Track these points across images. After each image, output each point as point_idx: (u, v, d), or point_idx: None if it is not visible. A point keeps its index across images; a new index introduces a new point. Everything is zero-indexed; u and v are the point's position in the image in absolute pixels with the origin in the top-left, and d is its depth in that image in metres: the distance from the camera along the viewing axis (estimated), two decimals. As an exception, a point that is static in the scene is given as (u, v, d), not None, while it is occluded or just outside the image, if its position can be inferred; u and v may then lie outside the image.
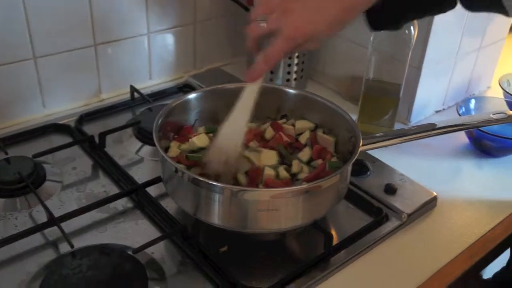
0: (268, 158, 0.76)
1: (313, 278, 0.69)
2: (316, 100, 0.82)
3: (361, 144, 0.72)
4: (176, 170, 0.69)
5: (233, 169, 0.73)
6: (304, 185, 0.69)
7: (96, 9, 0.99)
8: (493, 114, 0.81)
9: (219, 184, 0.67)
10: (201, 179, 0.67)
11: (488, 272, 0.96)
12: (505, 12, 0.67)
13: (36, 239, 0.73)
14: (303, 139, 0.82)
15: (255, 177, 0.73)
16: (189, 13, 1.14)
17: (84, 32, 1.01)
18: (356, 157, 0.70)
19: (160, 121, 0.75)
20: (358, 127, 0.94)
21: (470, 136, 0.99)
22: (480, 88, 1.21)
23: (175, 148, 0.79)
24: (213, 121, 0.85)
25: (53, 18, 0.95)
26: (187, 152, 0.78)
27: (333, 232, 0.79)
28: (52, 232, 0.74)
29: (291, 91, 0.85)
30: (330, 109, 0.81)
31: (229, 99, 0.85)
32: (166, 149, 0.79)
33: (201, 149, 0.77)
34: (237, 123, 0.72)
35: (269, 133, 0.82)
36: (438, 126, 0.82)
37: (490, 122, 0.80)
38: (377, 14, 0.71)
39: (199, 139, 0.78)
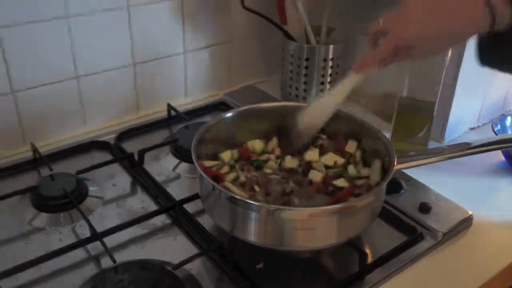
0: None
1: (348, 297, 0.70)
2: (352, 117, 0.84)
3: (395, 164, 0.73)
4: (214, 188, 0.71)
5: (313, 130, 0.83)
6: (340, 204, 0.70)
7: (135, 29, 1.03)
8: (530, 133, 0.80)
9: (256, 203, 0.69)
10: (238, 197, 0.69)
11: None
12: None
13: (79, 254, 0.76)
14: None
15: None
16: (224, 31, 1.17)
17: (124, 51, 1.04)
18: (391, 176, 0.71)
19: (197, 139, 0.78)
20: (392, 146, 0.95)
21: (506, 154, 0.98)
22: (515, 105, 1.20)
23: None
24: (248, 139, 0.87)
25: (95, 38, 0.99)
26: None
27: (368, 251, 0.79)
28: (94, 246, 0.77)
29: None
30: (365, 127, 0.82)
31: (264, 118, 0.88)
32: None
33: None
34: (329, 100, 0.81)
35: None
36: (474, 145, 0.82)
37: (526, 141, 0.80)
38: (491, 50, 0.71)
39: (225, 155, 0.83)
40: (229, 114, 0.85)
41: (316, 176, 0.79)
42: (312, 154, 0.83)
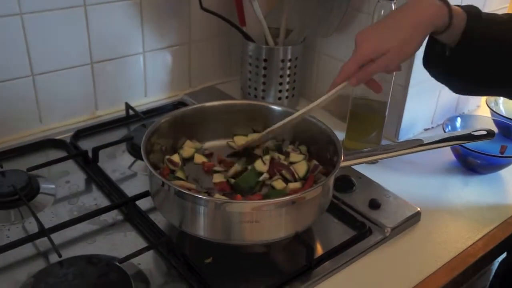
0: None
1: (295, 290, 0.71)
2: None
3: (342, 159, 0.74)
4: (163, 184, 0.72)
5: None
6: (286, 197, 0.71)
7: (92, 28, 1.03)
8: (473, 131, 0.83)
9: (204, 197, 0.70)
10: (186, 192, 0.70)
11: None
12: None
13: (27, 250, 0.75)
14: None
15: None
16: (184, 33, 1.18)
17: (81, 50, 1.04)
18: (336, 171, 0.73)
19: (148, 136, 0.78)
20: (344, 144, 0.98)
21: (456, 153, 1.01)
22: (469, 107, 1.24)
23: (188, 148, 0.86)
24: (201, 137, 0.88)
25: (51, 37, 0.99)
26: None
27: (318, 245, 0.81)
28: (43, 243, 0.76)
29: (276, 108, 0.88)
30: (315, 126, 0.84)
31: (216, 116, 0.89)
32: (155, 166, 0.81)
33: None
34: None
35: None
36: (425, 142, 0.84)
37: (469, 139, 0.82)
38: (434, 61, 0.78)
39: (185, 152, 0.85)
40: (180, 112, 0.85)
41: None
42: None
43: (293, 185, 0.79)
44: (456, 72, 0.79)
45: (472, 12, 0.75)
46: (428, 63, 0.82)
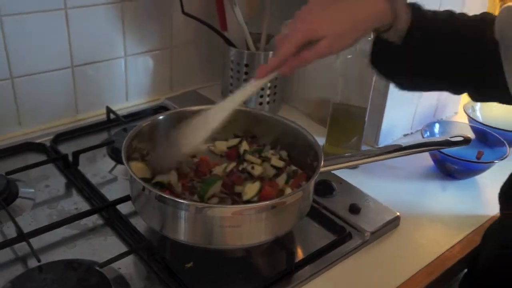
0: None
1: (275, 294, 0.71)
2: (281, 122, 0.86)
3: (322, 164, 0.75)
4: (144, 188, 0.72)
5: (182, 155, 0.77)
6: (266, 202, 0.71)
7: (73, 31, 1.02)
8: (450, 137, 0.84)
9: (184, 202, 0.70)
10: (167, 196, 0.70)
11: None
12: None
13: (5, 255, 0.74)
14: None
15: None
16: (165, 37, 1.18)
17: (62, 53, 1.03)
18: (316, 176, 0.73)
19: (129, 140, 0.78)
20: (325, 149, 0.98)
21: (434, 159, 1.03)
22: (447, 114, 1.26)
23: None
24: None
25: (31, 39, 0.98)
26: None
27: (298, 250, 0.81)
28: (21, 247, 0.75)
29: (257, 113, 0.88)
30: (295, 131, 0.85)
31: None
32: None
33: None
34: (221, 108, 0.77)
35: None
36: (403, 146, 0.86)
37: (447, 144, 0.84)
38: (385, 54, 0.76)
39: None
40: (162, 116, 0.86)
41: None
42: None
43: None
44: (400, 68, 0.78)
45: (415, 8, 0.74)
46: (373, 60, 0.80)
